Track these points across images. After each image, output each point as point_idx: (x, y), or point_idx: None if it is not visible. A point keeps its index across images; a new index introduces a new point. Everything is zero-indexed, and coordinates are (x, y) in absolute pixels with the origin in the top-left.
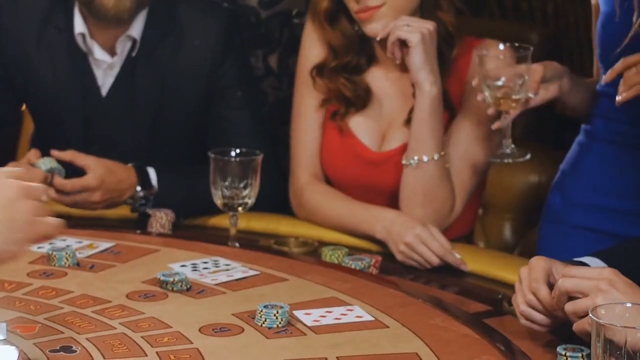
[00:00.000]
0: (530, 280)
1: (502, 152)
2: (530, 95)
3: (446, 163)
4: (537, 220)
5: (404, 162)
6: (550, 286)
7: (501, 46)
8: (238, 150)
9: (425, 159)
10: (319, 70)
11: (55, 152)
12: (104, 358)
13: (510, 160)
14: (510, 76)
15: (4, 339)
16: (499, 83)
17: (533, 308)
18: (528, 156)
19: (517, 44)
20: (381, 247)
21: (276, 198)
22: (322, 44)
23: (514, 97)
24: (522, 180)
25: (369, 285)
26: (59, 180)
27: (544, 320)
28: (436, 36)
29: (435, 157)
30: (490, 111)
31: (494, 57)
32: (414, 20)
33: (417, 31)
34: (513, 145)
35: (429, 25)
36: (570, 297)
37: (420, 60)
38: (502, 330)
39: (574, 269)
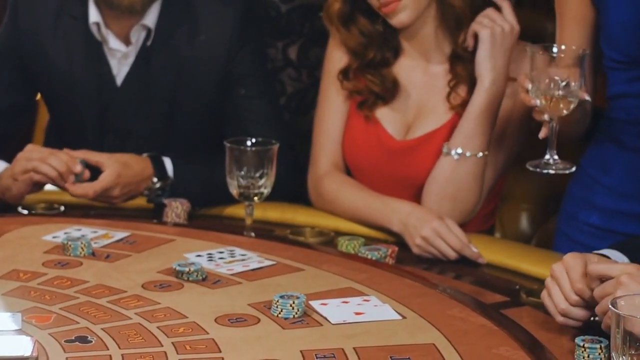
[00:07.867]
0: (573, 282)
1: (545, 162)
2: (587, 98)
3: (486, 164)
4: (554, 211)
5: (444, 150)
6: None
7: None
8: (254, 140)
9: (468, 154)
10: (345, 74)
11: (68, 152)
12: (120, 348)
13: (552, 172)
14: (575, 77)
15: (19, 329)
16: (563, 84)
17: (575, 306)
18: (573, 168)
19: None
20: (397, 237)
21: (292, 188)
22: (343, 47)
23: (569, 99)
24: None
25: (385, 275)
26: (79, 190)
27: (584, 316)
28: (513, 37)
29: (479, 155)
30: (546, 117)
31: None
32: (494, 17)
33: (487, 26)
34: (557, 157)
35: (505, 25)
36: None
37: (483, 55)
38: (520, 321)
39: (599, 267)
